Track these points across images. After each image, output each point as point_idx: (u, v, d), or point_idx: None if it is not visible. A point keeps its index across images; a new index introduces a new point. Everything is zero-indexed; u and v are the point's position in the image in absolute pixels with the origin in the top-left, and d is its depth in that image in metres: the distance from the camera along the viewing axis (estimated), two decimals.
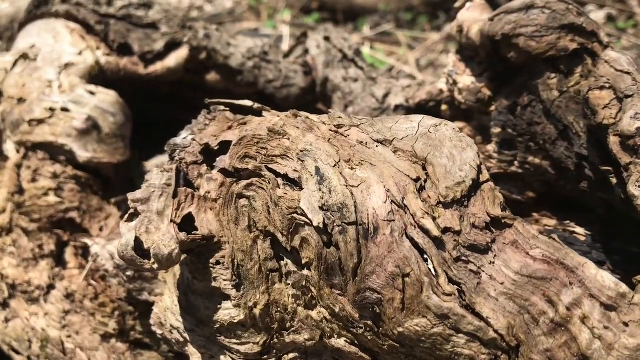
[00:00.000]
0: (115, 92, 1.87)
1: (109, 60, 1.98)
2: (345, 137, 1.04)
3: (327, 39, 2.03)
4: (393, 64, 3.46)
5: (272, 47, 2.05)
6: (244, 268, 1.05)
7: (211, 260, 1.07)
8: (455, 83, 1.63)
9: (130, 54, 2.01)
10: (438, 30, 4.14)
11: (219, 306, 1.09)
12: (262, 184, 1.02)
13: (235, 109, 1.19)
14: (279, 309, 1.05)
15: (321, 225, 0.94)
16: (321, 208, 0.95)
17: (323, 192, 0.96)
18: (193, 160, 1.11)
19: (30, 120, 1.77)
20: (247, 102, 1.20)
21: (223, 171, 1.08)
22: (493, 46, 1.46)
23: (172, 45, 2.01)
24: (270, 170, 1.02)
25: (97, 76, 1.96)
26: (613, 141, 1.14)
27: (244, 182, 1.04)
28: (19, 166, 1.75)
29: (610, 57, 1.24)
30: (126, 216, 1.06)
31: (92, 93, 1.84)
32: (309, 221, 0.96)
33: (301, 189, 0.98)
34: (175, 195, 1.06)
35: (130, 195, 1.06)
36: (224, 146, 1.10)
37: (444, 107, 1.90)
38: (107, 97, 1.84)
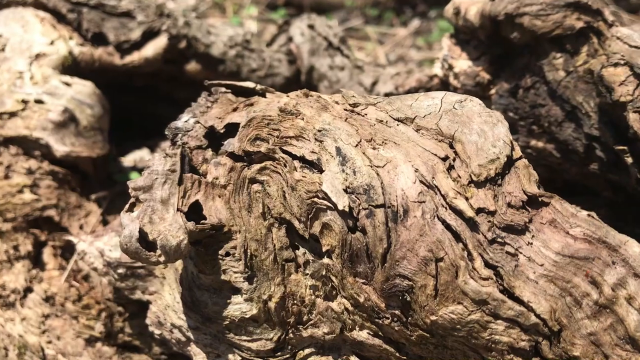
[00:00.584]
0: (92, 83, 1.77)
1: (83, 50, 1.87)
2: (363, 116, 0.97)
3: (311, 26, 1.96)
4: (363, 59, 3.42)
5: (254, 35, 1.97)
6: (257, 259, 0.97)
7: (220, 252, 0.99)
8: (450, 67, 1.57)
9: (106, 43, 1.91)
10: (405, 25, 4.10)
11: (228, 301, 1.01)
12: (276, 167, 0.95)
13: (237, 91, 1.12)
14: (295, 302, 0.98)
15: (347, 209, 0.87)
16: (345, 190, 0.88)
17: (347, 174, 0.88)
18: (197, 145, 1.02)
19: (1, 114, 1.65)
20: (250, 84, 1.12)
21: (231, 155, 1.00)
22: (494, 27, 1.41)
23: (150, 34, 1.91)
24: (285, 152, 0.95)
25: (71, 67, 1.85)
26: (633, 118, 1.10)
27: (256, 166, 0.96)
28: None
29: (623, 34, 1.20)
30: (127, 205, 0.97)
31: (67, 84, 1.73)
32: (331, 205, 0.89)
33: (321, 171, 0.91)
34: (180, 181, 0.97)
35: (132, 183, 0.97)
36: (231, 129, 1.02)
37: None
38: (83, 88, 1.74)
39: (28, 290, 1.60)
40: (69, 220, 1.66)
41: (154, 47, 1.89)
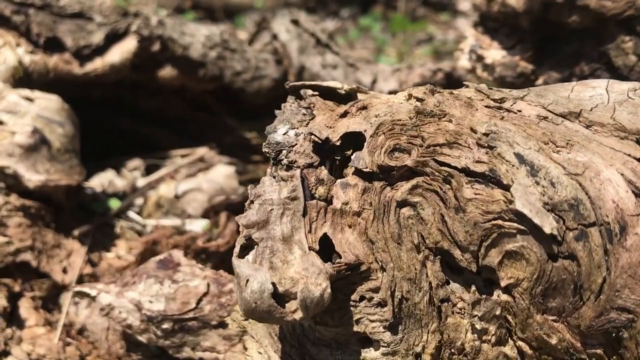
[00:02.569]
0: (58, 96, 1.45)
1: (35, 59, 1.55)
2: (516, 112, 0.77)
3: (295, 22, 1.73)
4: None
5: (232, 34, 1.71)
6: (409, 302, 0.74)
7: (353, 297, 0.76)
8: (480, 58, 1.40)
9: (61, 50, 1.59)
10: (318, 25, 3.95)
11: (360, 357, 0.78)
12: (430, 184, 0.73)
13: (322, 94, 0.88)
14: (453, 351, 0.76)
15: (555, 232, 0.67)
16: (544, 208, 0.68)
17: (543, 186, 0.68)
18: (307, 163, 0.78)
19: None
20: (336, 83, 0.89)
21: (360, 173, 0.76)
22: (543, 11, 1.25)
23: (114, 37, 1.61)
24: (441, 164, 0.73)
25: (22, 80, 1.52)
26: None
27: (406, 185, 0.73)
28: None
29: None
30: (237, 248, 0.72)
31: (29, 99, 1.41)
32: (524, 228, 0.68)
33: (500, 185, 0.70)
34: (304, 212, 0.73)
35: (242, 219, 0.72)
36: (347, 140, 0.79)
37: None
38: (49, 102, 1.42)
39: (4, 354, 1.27)
40: (48, 264, 1.34)
41: (121, 52, 1.59)
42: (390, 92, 1.64)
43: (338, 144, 0.78)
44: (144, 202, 1.60)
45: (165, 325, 0.98)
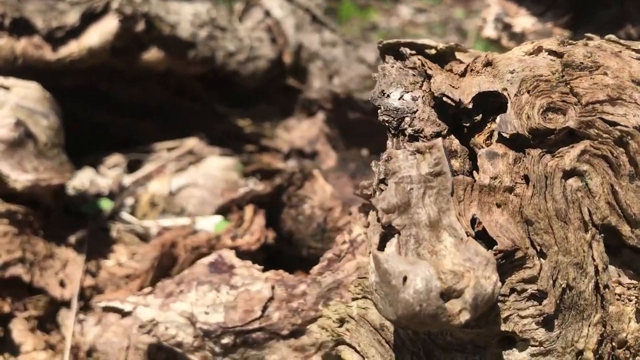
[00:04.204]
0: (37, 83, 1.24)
1: (0, 44, 1.32)
2: None
3: None
4: None
5: (219, 11, 1.54)
6: (573, 291, 0.61)
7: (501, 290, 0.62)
8: (507, 27, 1.29)
9: (30, 32, 1.36)
10: None
11: None
12: (599, 148, 0.60)
13: (419, 52, 0.74)
14: (614, 344, 0.64)
15: None
16: None
17: None
18: (435, 132, 0.63)
19: None
20: (431, 42, 0.75)
21: (504, 140, 0.62)
22: None
23: (91, 17, 1.40)
24: (611, 123, 0.60)
25: None
26: None
27: (574, 151, 0.60)
28: None
29: None
30: (375, 240, 0.56)
31: (4, 87, 1.19)
32: None
33: None
34: (452, 190, 0.58)
35: (381, 203, 0.56)
36: (479, 102, 0.65)
37: None
38: (28, 91, 1.21)
39: None
40: (42, 278, 1.13)
41: (100, 33, 1.39)
42: None
43: (470, 106, 0.64)
44: (134, 202, 1.40)
45: (226, 340, 0.81)
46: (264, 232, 1.11)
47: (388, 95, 0.65)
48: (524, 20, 1.28)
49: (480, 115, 0.66)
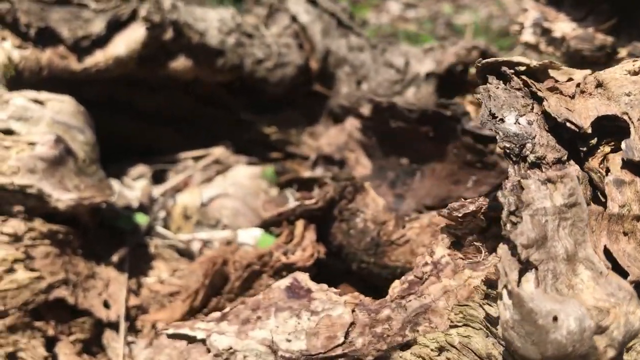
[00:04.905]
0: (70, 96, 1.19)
1: (25, 54, 1.27)
2: None
3: (312, 1, 1.52)
4: None
5: (244, 17, 1.49)
6: None
7: None
8: (546, 32, 1.27)
9: (54, 42, 1.31)
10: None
11: None
12: None
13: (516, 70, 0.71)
14: None
15: None
16: None
17: None
18: (556, 158, 0.60)
19: None
20: (523, 59, 0.72)
21: (629, 166, 0.60)
22: None
23: (117, 25, 1.35)
24: None
25: (14, 80, 1.24)
26: None
27: None
28: None
29: None
30: (513, 276, 0.53)
31: (38, 102, 1.14)
32: None
33: None
34: (587, 221, 0.56)
35: (520, 238, 0.54)
36: (596, 125, 0.62)
37: (472, 70, 1.53)
38: (63, 105, 1.16)
39: None
40: (86, 299, 1.09)
41: (127, 42, 1.34)
42: (428, 74, 1.48)
43: (589, 131, 0.61)
44: (166, 214, 1.36)
45: None
46: (316, 248, 1.07)
47: (502, 120, 0.63)
48: (563, 25, 1.26)
49: (596, 139, 0.63)
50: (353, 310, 0.81)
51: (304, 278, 0.84)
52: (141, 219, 1.26)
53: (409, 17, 3.94)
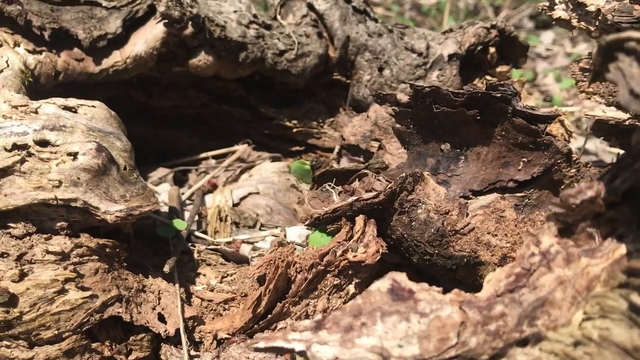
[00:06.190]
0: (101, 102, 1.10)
1: (39, 59, 1.17)
2: None
3: None
4: None
5: (255, 7, 1.41)
6: None
7: None
8: (580, 6, 1.24)
9: (69, 45, 1.21)
10: None
11: None
12: None
13: None
14: None
15: None
16: None
17: None
18: None
19: None
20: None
21: None
22: None
23: (133, 22, 1.26)
24: None
25: (30, 86, 1.15)
26: None
27: None
28: None
29: None
30: None
31: (70, 109, 1.04)
32: None
33: None
34: None
35: None
36: None
37: (492, 49, 1.49)
38: (94, 110, 1.07)
39: None
40: (141, 314, 1.01)
41: (146, 40, 1.25)
42: (451, 55, 1.43)
43: None
44: (199, 218, 1.28)
45: None
46: (379, 243, 1.02)
47: None
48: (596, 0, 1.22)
49: None
50: (463, 309, 0.75)
51: (402, 278, 0.78)
52: (180, 225, 1.18)
53: (376, 0, 3.91)
